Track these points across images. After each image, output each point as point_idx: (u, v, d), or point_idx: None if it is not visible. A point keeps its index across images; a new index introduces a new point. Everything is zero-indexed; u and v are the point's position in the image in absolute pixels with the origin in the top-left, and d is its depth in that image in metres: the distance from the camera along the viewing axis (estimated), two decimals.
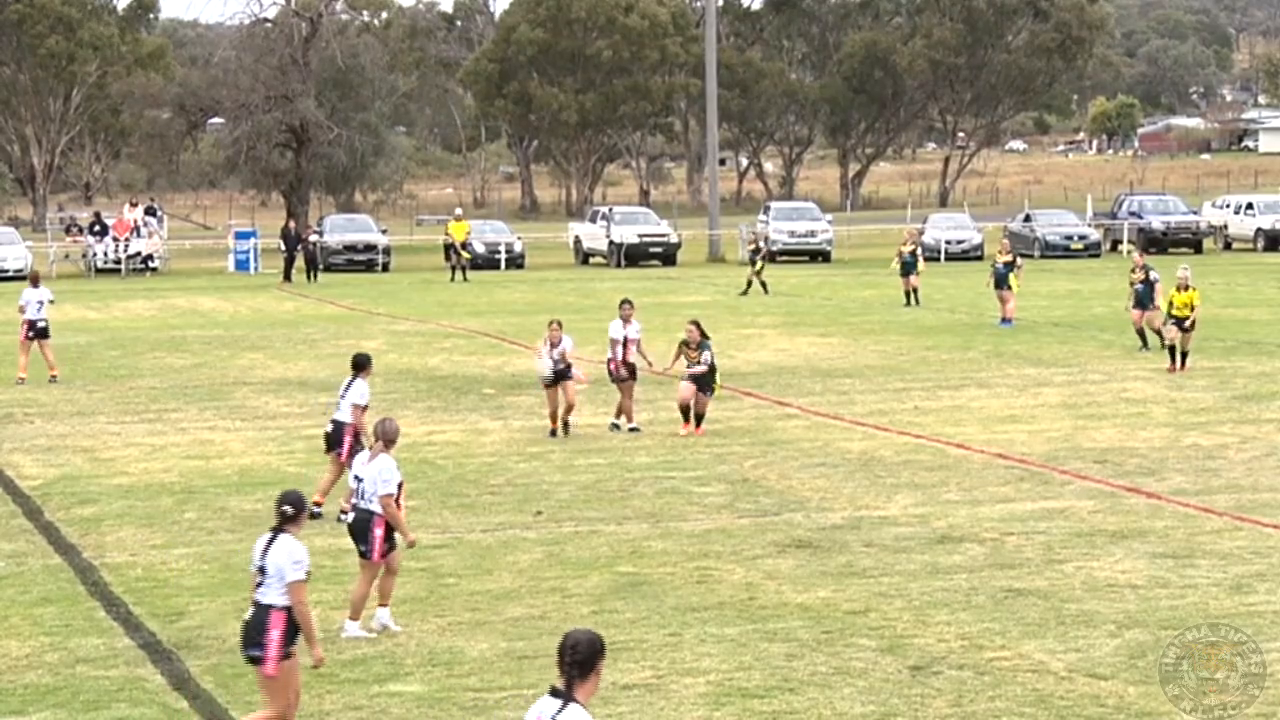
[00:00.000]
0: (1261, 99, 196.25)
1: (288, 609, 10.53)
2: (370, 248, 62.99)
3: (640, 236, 63.83)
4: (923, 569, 15.67)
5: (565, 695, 7.69)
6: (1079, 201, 78.74)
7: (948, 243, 63.90)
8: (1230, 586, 14.80)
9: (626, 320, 24.02)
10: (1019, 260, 39.54)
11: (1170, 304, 29.30)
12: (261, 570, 10.59)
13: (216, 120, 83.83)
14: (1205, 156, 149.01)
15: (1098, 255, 63.24)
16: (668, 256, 63.78)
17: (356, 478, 13.88)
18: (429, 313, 43.55)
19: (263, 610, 10.53)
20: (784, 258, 64.05)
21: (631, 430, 23.60)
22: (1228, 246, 66.81)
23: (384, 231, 65.84)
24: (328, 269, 59.72)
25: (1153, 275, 31.61)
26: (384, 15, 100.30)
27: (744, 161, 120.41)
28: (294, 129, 77.04)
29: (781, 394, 27.31)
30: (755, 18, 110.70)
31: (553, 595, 14.91)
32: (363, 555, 13.76)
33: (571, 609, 14.45)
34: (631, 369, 23.96)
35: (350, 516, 14.08)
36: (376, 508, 13.64)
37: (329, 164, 79.95)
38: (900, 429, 23.61)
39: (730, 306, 44.80)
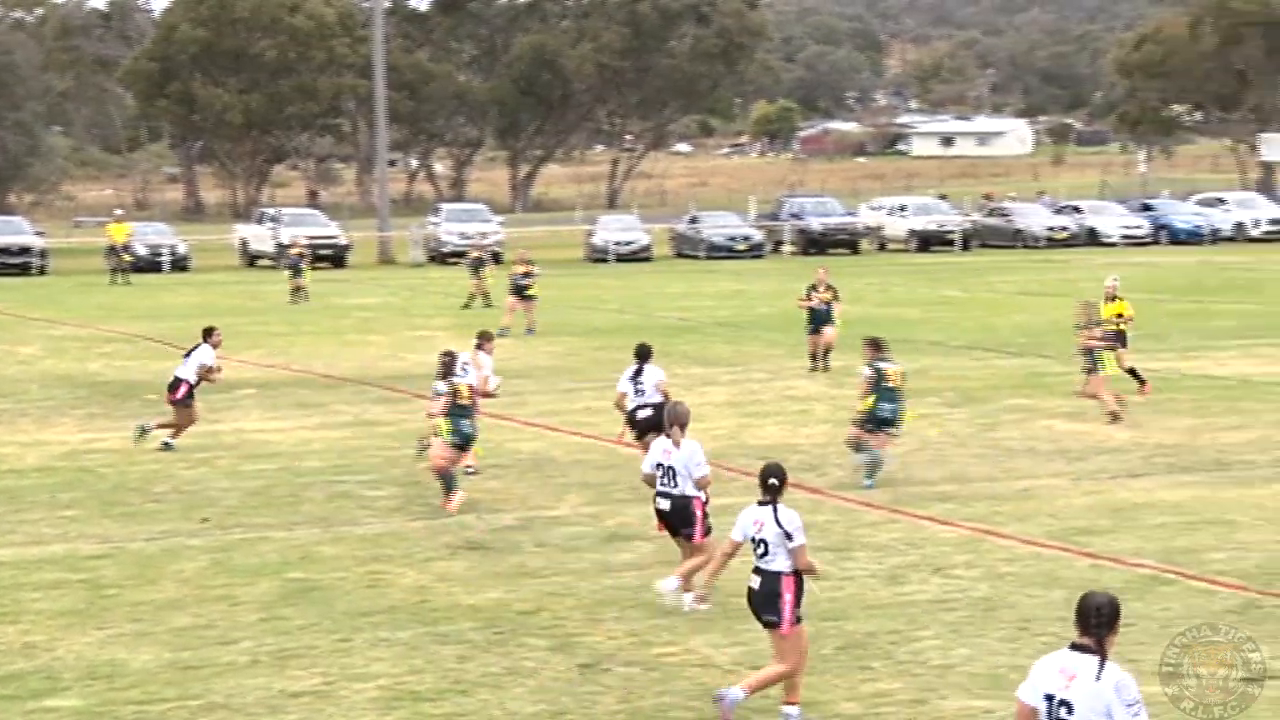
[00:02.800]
0: (913, 104, 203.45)
1: (795, 574, 11.21)
2: (25, 250, 60.93)
3: (309, 238, 63.01)
4: (593, 567, 15.84)
5: (1099, 652, 7.98)
6: (742, 203, 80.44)
7: (617, 244, 64.63)
8: (886, 577, 15.30)
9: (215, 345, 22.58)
10: (536, 271, 37.89)
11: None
12: (765, 543, 11.23)
13: None
14: (861, 159, 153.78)
15: (761, 256, 64.67)
16: (337, 259, 63.20)
17: (659, 465, 14.25)
18: (89, 316, 42.32)
19: (773, 578, 11.20)
20: (455, 259, 63.99)
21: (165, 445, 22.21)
22: (883, 247, 68.98)
23: (40, 234, 63.76)
24: None
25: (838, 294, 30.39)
26: (38, 12, 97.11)
27: (414, 163, 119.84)
28: None
29: None
30: (423, 19, 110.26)
31: (219, 604, 14.64)
32: (688, 538, 14.30)
33: (239, 617, 14.21)
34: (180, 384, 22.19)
35: (667, 503, 14.27)
36: (693, 491, 14.16)
37: None
38: (571, 429, 23.80)
39: (401, 309, 44.62)
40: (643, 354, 19.73)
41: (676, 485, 14.26)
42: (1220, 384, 27.00)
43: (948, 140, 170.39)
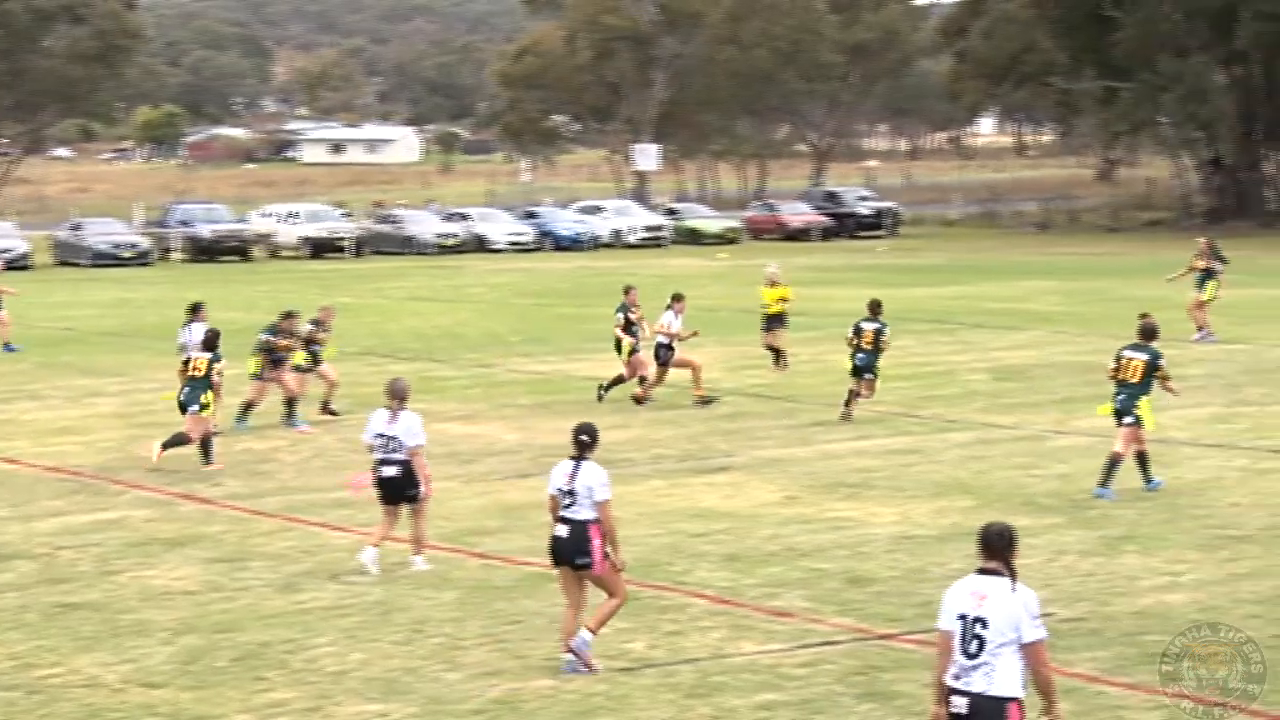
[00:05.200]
0: (302, 111, 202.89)
1: (598, 521, 12.25)
2: None
3: None
4: None
5: (1009, 573, 8.89)
6: (128, 210, 78.27)
7: None
8: (281, 586, 15.22)
9: None
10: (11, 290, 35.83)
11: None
12: (571, 493, 12.27)
13: None
14: (251, 166, 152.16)
15: (148, 263, 63.15)
16: None
17: (379, 435, 15.27)
18: None
19: (580, 525, 12.30)
20: None
21: None
22: (275, 254, 68.48)
23: None
24: None
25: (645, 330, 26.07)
26: None
27: None
28: None
29: None
30: None
31: None
32: (412, 500, 15.37)
33: None
34: None
35: (394, 469, 15.29)
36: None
37: None
38: None
39: None
40: (195, 309, 23.76)
41: (401, 452, 15.26)
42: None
43: (337, 147, 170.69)
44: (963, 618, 8.91)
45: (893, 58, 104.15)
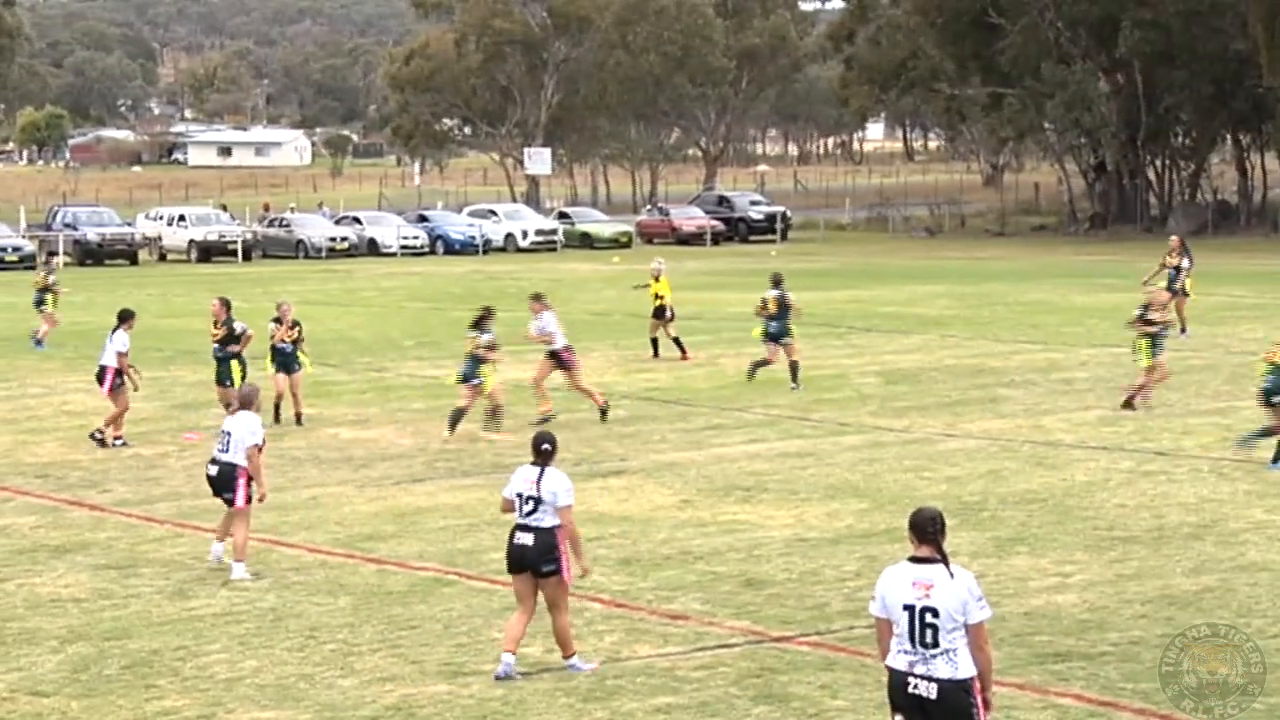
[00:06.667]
0: (189, 113, 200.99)
1: (563, 528, 12.28)
2: None
3: None
4: None
5: (942, 558, 8.93)
6: (12, 213, 77.20)
7: None
8: (172, 593, 15.06)
9: None
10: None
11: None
12: (536, 500, 12.23)
13: None
14: (137, 169, 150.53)
15: (32, 267, 62.28)
16: None
17: (225, 432, 15.49)
18: None
19: (547, 533, 12.25)
20: None
21: None
22: (163, 258, 67.81)
23: None
24: None
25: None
26: None
27: None
28: None
29: None
30: None
31: None
32: (228, 502, 15.45)
33: None
34: None
35: (215, 469, 15.48)
36: (241, 460, 15.29)
37: None
38: None
39: None
40: (123, 316, 23.08)
41: (227, 452, 15.40)
42: None
43: (225, 150, 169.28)
44: (909, 609, 8.91)
45: (782, 63, 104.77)
